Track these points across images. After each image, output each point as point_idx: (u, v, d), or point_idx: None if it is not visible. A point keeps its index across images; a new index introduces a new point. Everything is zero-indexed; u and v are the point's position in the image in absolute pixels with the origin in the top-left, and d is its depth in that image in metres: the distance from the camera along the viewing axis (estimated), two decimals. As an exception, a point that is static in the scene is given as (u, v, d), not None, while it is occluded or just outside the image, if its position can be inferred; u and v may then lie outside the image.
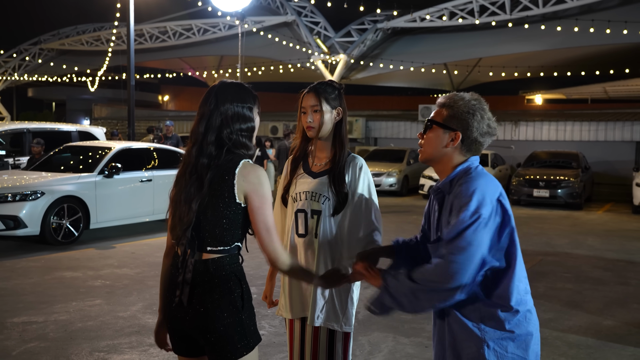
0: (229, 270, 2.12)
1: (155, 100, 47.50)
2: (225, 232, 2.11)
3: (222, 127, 2.14)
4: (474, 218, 1.93)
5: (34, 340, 4.56)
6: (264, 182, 2.12)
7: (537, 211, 13.51)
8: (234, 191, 2.09)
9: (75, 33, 34.64)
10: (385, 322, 5.17)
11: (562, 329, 5.15)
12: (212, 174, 2.10)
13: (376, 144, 22.41)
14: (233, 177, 2.09)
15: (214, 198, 2.09)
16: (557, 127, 20.09)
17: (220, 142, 2.14)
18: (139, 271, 6.90)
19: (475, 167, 2.10)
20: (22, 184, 8.18)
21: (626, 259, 8.37)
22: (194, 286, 2.09)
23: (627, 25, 20.39)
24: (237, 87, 2.21)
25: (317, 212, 2.64)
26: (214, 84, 2.27)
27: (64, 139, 11.72)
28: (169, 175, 9.86)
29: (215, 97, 2.17)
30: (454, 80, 32.40)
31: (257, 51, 28.32)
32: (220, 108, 2.15)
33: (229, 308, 2.08)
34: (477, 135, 2.11)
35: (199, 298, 2.08)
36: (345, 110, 2.73)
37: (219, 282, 2.09)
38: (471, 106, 2.11)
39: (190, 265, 2.09)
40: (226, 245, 2.12)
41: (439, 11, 24.11)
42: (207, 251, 2.11)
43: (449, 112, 2.12)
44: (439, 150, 2.14)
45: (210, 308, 2.07)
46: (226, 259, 2.12)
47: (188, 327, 2.12)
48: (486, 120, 2.11)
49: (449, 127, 2.11)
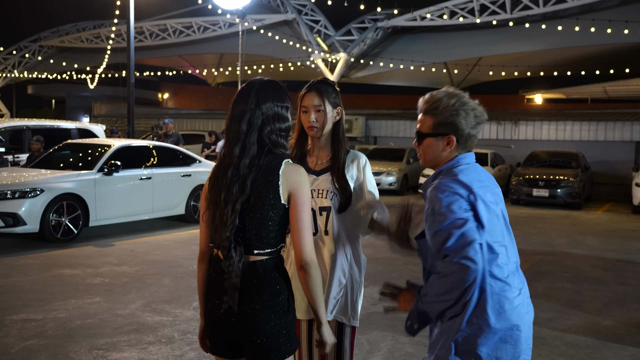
0: (277, 271, 2.10)
1: (155, 98, 47.49)
2: (271, 234, 2.08)
3: (264, 127, 2.11)
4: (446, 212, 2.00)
5: (32, 338, 4.56)
6: (306, 182, 2.11)
7: (537, 211, 13.52)
8: (279, 192, 2.06)
9: (75, 30, 34.62)
10: (385, 321, 5.17)
11: (561, 329, 5.15)
12: (254, 175, 2.07)
13: (376, 143, 22.40)
14: (278, 178, 2.07)
15: (258, 200, 2.06)
16: (557, 127, 20.08)
17: (261, 142, 2.11)
18: (138, 269, 6.90)
19: (457, 166, 2.14)
20: (21, 181, 8.17)
21: (625, 258, 8.38)
22: (241, 290, 2.05)
23: (628, 25, 20.38)
24: (276, 86, 2.19)
25: (325, 209, 2.66)
26: (250, 81, 2.21)
27: (64, 136, 11.71)
28: (168, 173, 9.86)
29: (257, 96, 2.13)
30: (454, 79, 32.40)
31: (257, 49, 28.31)
32: (261, 107, 2.12)
33: (276, 310, 2.06)
34: (469, 130, 2.15)
35: (247, 301, 2.05)
36: (343, 109, 2.76)
37: (267, 284, 2.06)
38: (453, 107, 2.13)
39: (238, 270, 2.04)
40: (273, 247, 2.09)
41: (440, 10, 24.10)
42: (254, 254, 2.08)
43: (434, 119, 2.16)
44: (438, 156, 2.19)
45: (259, 310, 2.04)
46: (273, 260, 2.10)
47: (233, 330, 2.09)
48: (471, 113, 2.14)
49: (440, 133, 2.15)
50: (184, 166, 10.22)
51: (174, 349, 4.38)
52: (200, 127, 26.10)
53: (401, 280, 6.53)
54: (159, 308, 5.39)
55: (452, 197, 2.02)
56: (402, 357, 4.40)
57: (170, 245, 8.37)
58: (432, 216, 2.04)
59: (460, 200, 2.02)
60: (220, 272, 2.09)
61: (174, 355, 4.28)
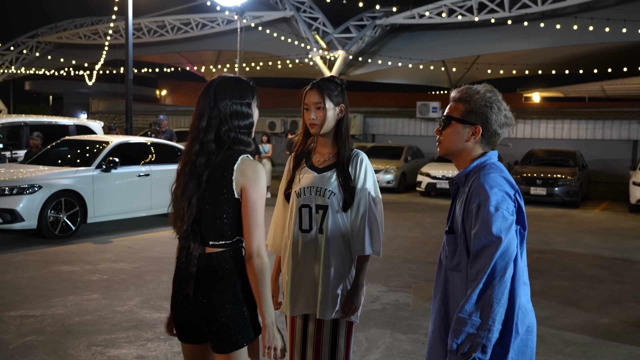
0: (232, 263, 2.17)
1: (152, 95, 47.39)
2: (225, 227, 2.16)
3: (221, 125, 2.18)
4: (497, 214, 1.94)
5: (31, 334, 4.56)
6: (260, 178, 2.15)
7: (534, 209, 13.54)
8: (232, 187, 2.13)
9: (73, 26, 34.54)
10: (383, 319, 5.18)
11: (559, 327, 5.17)
12: (210, 170, 2.15)
13: (374, 141, 22.39)
14: (231, 173, 2.13)
15: (213, 194, 2.15)
16: (555, 125, 20.11)
17: (219, 140, 2.18)
18: (136, 266, 6.90)
19: (492, 162, 2.11)
20: (19, 178, 8.16)
21: (622, 257, 8.40)
22: (198, 279, 2.16)
23: (626, 23, 20.40)
24: (235, 83, 2.23)
25: (322, 207, 2.66)
26: (212, 79, 2.27)
27: (62, 132, 11.68)
28: (166, 170, 9.85)
29: (214, 94, 2.19)
30: (452, 77, 32.41)
31: (256, 46, 28.26)
32: (219, 105, 2.18)
33: (230, 300, 2.14)
34: (497, 127, 2.12)
35: (203, 290, 2.15)
36: (347, 107, 2.75)
37: (222, 274, 2.15)
38: (488, 99, 2.11)
39: (195, 260, 2.16)
40: (228, 239, 2.17)
41: (438, 8, 24.09)
42: (209, 245, 2.17)
43: (466, 106, 2.12)
44: (458, 145, 2.14)
45: (213, 300, 2.13)
46: (229, 252, 2.17)
47: (192, 317, 2.19)
48: (503, 111, 2.13)
49: (469, 122, 2.11)
50: (182, 163, 10.20)
51: (173, 346, 4.39)
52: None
53: (399, 277, 6.56)
54: (158, 305, 5.39)
55: (501, 196, 1.97)
56: (400, 354, 4.41)
57: (169, 242, 8.37)
58: (478, 212, 1.96)
59: (507, 200, 1.98)
60: (183, 262, 2.22)
61: (172, 352, 4.29)
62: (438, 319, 2.15)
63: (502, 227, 1.92)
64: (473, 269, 1.95)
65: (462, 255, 2.04)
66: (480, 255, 1.93)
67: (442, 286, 2.14)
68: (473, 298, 1.91)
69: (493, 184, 1.99)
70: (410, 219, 11.41)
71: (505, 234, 1.92)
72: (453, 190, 2.16)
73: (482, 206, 1.96)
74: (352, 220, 2.68)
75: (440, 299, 2.14)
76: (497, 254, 1.91)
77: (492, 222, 1.92)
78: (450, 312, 2.08)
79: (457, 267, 2.07)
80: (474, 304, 1.90)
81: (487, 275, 1.90)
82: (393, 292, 6.00)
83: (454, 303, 2.07)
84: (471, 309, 1.90)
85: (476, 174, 2.06)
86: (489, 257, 1.91)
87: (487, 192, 1.97)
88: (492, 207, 1.94)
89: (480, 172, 2.06)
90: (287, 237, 2.73)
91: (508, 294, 1.94)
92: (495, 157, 2.14)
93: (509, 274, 1.93)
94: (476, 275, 1.92)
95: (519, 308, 1.98)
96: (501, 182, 2.01)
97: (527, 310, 2.03)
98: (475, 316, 1.90)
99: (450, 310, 2.09)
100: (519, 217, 2.02)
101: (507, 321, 1.95)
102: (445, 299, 2.12)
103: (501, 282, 1.91)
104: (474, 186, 2.02)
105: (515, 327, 1.97)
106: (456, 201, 2.12)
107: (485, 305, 1.90)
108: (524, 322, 2.01)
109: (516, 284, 1.98)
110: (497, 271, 1.91)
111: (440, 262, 2.19)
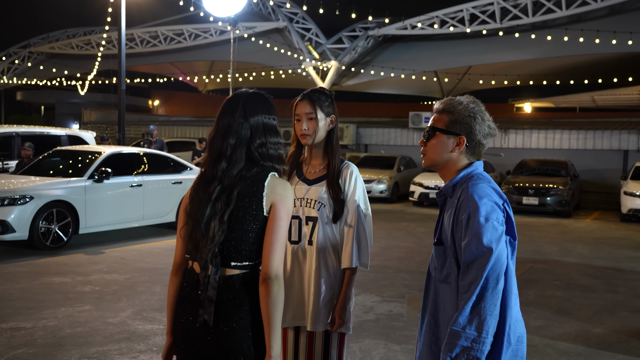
0: (255, 286, 1.97)
1: (145, 105, 47.32)
2: (251, 247, 1.99)
3: (252, 140, 2.06)
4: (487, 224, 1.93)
5: (22, 347, 4.51)
6: (290, 196, 2.04)
7: (526, 219, 13.59)
8: (263, 203, 1.99)
9: (66, 37, 34.53)
10: (377, 329, 5.17)
11: (552, 337, 5.17)
12: (239, 186, 2.01)
13: (367, 151, 22.44)
14: (262, 189, 2.00)
15: (241, 211, 1.99)
16: (546, 135, 20.24)
17: (250, 156, 2.05)
18: (128, 277, 6.85)
19: (479, 173, 2.10)
20: (10, 188, 8.10)
21: (615, 266, 8.43)
22: (217, 305, 1.95)
23: (616, 35, 20.63)
24: (263, 98, 2.13)
25: (312, 219, 2.66)
26: (236, 94, 2.14)
27: (54, 143, 11.63)
28: (159, 181, 9.82)
29: (244, 108, 2.07)
30: (444, 88, 32.61)
31: (249, 57, 28.35)
32: (249, 120, 2.06)
33: (254, 328, 1.96)
34: (480, 138, 2.12)
35: (224, 317, 1.95)
36: (337, 117, 2.76)
37: (245, 300, 1.96)
38: (471, 109, 2.12)
39: (215, 282, 1.95)
40: (252, 260, 2.00)
41: (430, 19, 24.27)
42: (230, 267, 1.99)
43: (450, 117, 2.12)
44: (443, 156, 2.13)
45: (237, 328, 1.94)
46: (251, 275, 2.00)
47: (209, 348, 1.97)
48: (486, 122, 2.13)
49: (453, 132, 2.11)
50: (174, 173, 10.18)
51: (165, 358, 4.35)
52: (191, 134, 26.04)
53: (392, 288, 6.55)
54: (150, 316, 5.35)
55: (491, 206, 1.96)
56: (395, 365, 4.39)
57: (161, 253, 8.32)
58: (468, 223, 1.95)
59: (497, 211, 1.97)
60: (195, 286, 2.00)
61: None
62: (428, 332, 2.12)
63: (493, 238, 1.92)
64: (465, 281, 1.93)
65: (452, 267, 2.02)
66: (471, 267, 1.92)
67: (432, 299, 2.12)
68: (466, 311, 1.89)
69: (482, 194, 1.98)
70: (404, 229, 11.41)
71: (496, 244, 1.91)
72: (440, 202, 2.15)
73: (472, 217, 1.94)
74: (341, 232, 2.68)
75: (430, 312, 2.11)
76: (488, 265, 1.89)
77: (483, 232, 1.91)
78: (441, 325, 2.06)
79: (446, 279, 2.04)
80: (467, 316, 1.89)
81: (479, 287, 1.89)
82: (387, 303, 5.99)
83: (444, 315, 2.05)
84: (465, 321, 1.89)
85: (464, 185, 2.05)
86: (480, 268, 1.90)
87: (477, 203, 1.95)
88: (482, 217, 1.93)
89: (468, 182, 2.05)
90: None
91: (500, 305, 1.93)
92: (481, 167, 2.14)
93: (501, 285, 1.92)
94: (468, 287, 1.91)
95: (510, 318, 1.97)
96: (490, 192, 2.00)
97: (517, 321, 2.03)
98: (469, 329, 1.88)
99: (440, 323, 2.07)
100: (508, 227, 2.01)
101: (499, 332, 1.94)
102: (435, 311, 2.10)
103: (493, 293, 1.90)
104: (463, 197, 2.01)
105: (507, 337, 1.96)
106: (444, 212, 2.10)
107: (478, 318, 1.88)
108: (515, 332, 2.00)
109: (508, 294, 1.97)
110: (489, 283, 1.90)
111: (429, 274, 2.16)
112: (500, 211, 1.98)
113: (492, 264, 1.89)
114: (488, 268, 1.89)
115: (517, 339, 2.01)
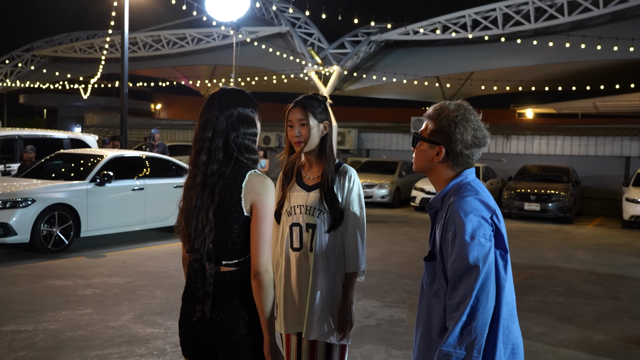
0: (246, 282, 2.13)
1: (147, 109, 47.42)
2: (237, 245, 2.13)
3: (229, 131, 2.15)
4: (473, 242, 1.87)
5: (22, 350, 4.51)
6: (269, 193, 2.12)
7: (528, 225, 13.57)
8: (242, 205, 2.10)
9: (69, 40, 34.59)
10: (378, 335, 5.16)
11: (554, 343, 5.16)
12: (221, 184, 2.11)
13: (368, 156, 22.46)
14: (240, 191, 2.10)
15: (222, 213, 2.11)
16: (548, 141, 20.24)
17: (227, 148, 2.14)
18: (129, 280, 6.85)
19: (467, 183, 2.03)
20: (12, 191, 8.12)
21: (616, 273, 8.42)
22: (213, 297, 2.12)
23: (618, 41, 20.62)
24: (239, 92, 2.23)
25: (312, 226, 2.65)
26: (214, 92, 2.25)
27: (56, 146, 11.66)
28: (160, 184, 9.83)
29: (219, 102, 2.17)
30: (446, 93, 32.60)
31: (251, 61, 28.38)
32: (225, 112, 2.16)
33: (245, 319, 2.12)
34: (462, 148, 2.01)
35: (217, 309, 2.12)
36: (331, 123, 2.76)
37: (236, 293, 2.12)
38: (453, 118, 2.01)
39: (211, 278, 2.12)
40: (240, 257, 2.14)
41: (432, 25, 24.29)
42: (222, 264, 2.14)
43: (433, 125, 2.06)
44: (427, 165, 2.09)
45: (228, 319, 2.11)
46: (242, 271, 2.14)
47: (204, 336, 2.15)
48: (470, 131, 2.01)
49: (433, 142, 2.04)
50: (176, 177, 10.19)
51: (166, 362, 4.35)
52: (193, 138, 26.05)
53: (393, 293, 6.54)
54: (151, 320, 5.35)
55: (477, 222, 1.90)
56: (395, 370, 4.39)
57: (162, 257, 8.32)
58: (454, 241, 1.90)
59: (484, 226, 1.90)
60: (194, 279, 2.16)
61: (165, 368, 4.25)
62: (422, 345, 2.09)
63: (480, 256, 1.87)
64: (453, 300, 1.89)
65: (441, 283, 1.99)
66: (459, 286, 1.88)
67: (425, 311, 2.08)
68: (456, 331, 1.86)
69: (468, 209, 1.91)
70: (405, 234, 11.40)
71: (483, 262, 1.87)
72: (432, 215, 2.09)
73: (457, 234, 1.88)
74: (342, 237, 2.67)
75: (424, 325, 2.08)
76: (477, 285, 1.86)
77: (469, 251, 1.87)
78: (434, 339, 2.03)
79: (436, 293, 2.01)
80: (457, 336, 1.86)
81: (469, 307, 1.85)
82: (388, 308, 5.98)
83: (437, 329, 2.02)
84: (454, 342, 1.86)
85: (452, 197, 1.99)
86: (468, 287, 1.86)
87: (463, 220, 1.89)
88: (467, 235, 1.87)
89: (456, 195, 1.98)
90: (280, 255, 2.72)
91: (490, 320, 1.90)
92: (471, 175, 2.06)
93: (492, 302, 1.88)
94: (457, 306, 1.88)
95: (502, 330, 1.93)
96: (476, 206, 1.94)
97: (511, 331, 1.98)
98: (460, 349, 1.86)
99: (433, 337, 2.03)
100: (498, 240, 1.95)
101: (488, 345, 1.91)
102: (428, 324, 2.06)
103: (484, 312, 1.86)
104: (450, 212, 1.95)
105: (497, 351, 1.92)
106: (436, 226, 2.05)
107: (469, 337, 1.86)
108: (507, 343, 1.97)
109: (500, 307, 1.93)
110: (479, 302, 1.86)
111: (423, 287, 2.13)
112: (487, 225, 1.92)
113: (480, 283, 1.86)
114: (477, 287, 1.85)
115: (510, 351, 1.98)
